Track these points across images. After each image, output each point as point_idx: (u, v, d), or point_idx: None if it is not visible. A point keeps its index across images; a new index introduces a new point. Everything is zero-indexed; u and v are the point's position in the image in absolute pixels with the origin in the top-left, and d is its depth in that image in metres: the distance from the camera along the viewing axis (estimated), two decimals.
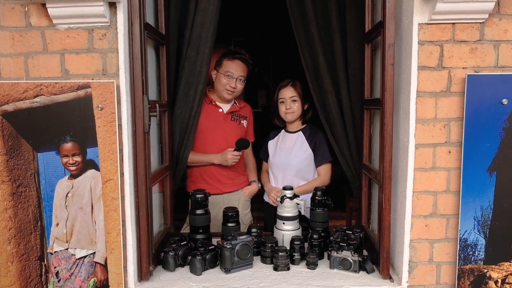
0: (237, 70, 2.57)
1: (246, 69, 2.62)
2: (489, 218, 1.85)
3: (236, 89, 2.59)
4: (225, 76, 2.55)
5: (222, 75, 2.56)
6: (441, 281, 1.94)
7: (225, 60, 2.58)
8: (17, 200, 1.86)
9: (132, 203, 1.89)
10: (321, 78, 2.36)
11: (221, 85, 2.58)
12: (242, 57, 2.59)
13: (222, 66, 2.59)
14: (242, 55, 2.60)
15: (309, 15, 2.29)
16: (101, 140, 1.82)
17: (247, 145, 2.62)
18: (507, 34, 1.81)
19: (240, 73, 2.58)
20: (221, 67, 2.59)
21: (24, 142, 1.84)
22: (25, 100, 1.80)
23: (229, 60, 2.58)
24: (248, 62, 2.62)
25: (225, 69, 2.56)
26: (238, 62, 2.58)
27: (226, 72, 2.55)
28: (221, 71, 2.58)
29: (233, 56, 2.58)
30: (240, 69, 2.58)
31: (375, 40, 2.08)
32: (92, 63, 1.83)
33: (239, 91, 2.64)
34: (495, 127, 1.80)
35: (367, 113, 2.24)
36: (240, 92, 2.66)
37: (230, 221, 2.24)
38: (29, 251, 1.89)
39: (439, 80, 1.83)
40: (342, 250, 2.01)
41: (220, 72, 2.58)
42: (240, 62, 2.58)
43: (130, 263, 1.90)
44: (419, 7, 1.79)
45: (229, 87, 2.56)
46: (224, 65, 2.58)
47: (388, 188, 1.86)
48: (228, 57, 2.58)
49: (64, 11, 1.75)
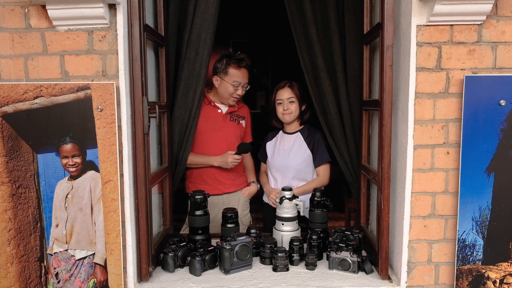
0: (244, 78, 2.60)
1: (249, 74, 2.65)
2: (487, 218, 1.86)
3: (241, 95, 2.64)
4: (233, 86, 2.56)
5: (228, 84, 2.56)
6: (439, 281, 1.95)
7: (231, 69, 2.56)
8: (16, 201, 1.86)
9: (131, 204, 1.89)
10: (320, 80, 2.37)
11: (227, 93, 2.59)
12: (247, 64, 2.61)
13: (228, 75, 2.56)
14: (246, 62, 2.60)
15: (308, 17, 2.30)
16: (100, 141, 1.82)
17: (248, 149, 2.64)
18: (504, 35, 1.82)
19: (246, 80, 2.62)
20: (227, 75, 2.56)
21: (24, 143, 1.84)
22: (25, 101, 1.80)
23: (236, 68, 2.56)
24: (250, 68, 2.66)
25: (232, 79, 2.55)
26: (244, 70, 2.60)
27: (234, 82, 2.56)
28: (228, 79, 2.56)
29: (239, 64, 2.57)
30: (246, 76, 2.62)
31: (374, 41, 2.09)
32: (92, 64, 1.84)
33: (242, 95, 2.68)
34: (493, 128, 1.80)
35: (366, 114, 2.25)
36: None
37: (229, 222, 2.24)
38: (28, 252, 1.89)
39: (437, 82, 1.84)
40: (341, 251, 2.01)
41: (226, 81, 2.56)
42: (245, 70, 2.61)
43: (130, 264, 1.90)
44: (417, 9, 1.80)
45: (236, 95, 2.61)
46: (230, 74, 2.56)
47: (386, 189, 1.87)
48: (234, 66, 2.56)
49: (64, 13, 1.76)
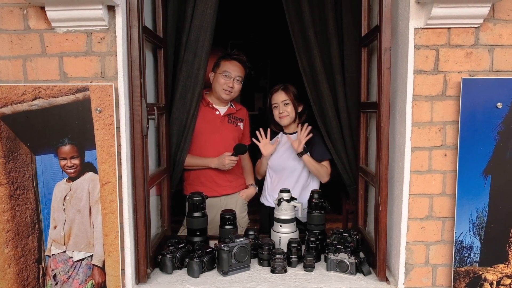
0: (235, 70, 2.61)
1: (243, 70, 2.67)
2: (484, 220, 1.86)
3: (233, 89, 2.62)
4: (223, 76, 2.59)
5: (219, 75, 2.61)
6: (437, 283, 1.95)
7: (223, 61, 2.64)
8: (14, 202, 1.86)
9: (130, 205, 1.89)
10: (318, 82, 2.38)
11: (219, 85, 2.61)
12: (239, 58, 2.65)
13: (219, 67, 2.64)
14: (237, 55, 2.66)
15: (306, 19, 2.31)
16: (99, 143, 1.82)
17: (245, 150, 2.64)
18: (501, 38, 1.83)
19: (238, 73, 2.62)
20: (219, 67, 2.64)
21: (22, 144, 1.84)
22: (24, 103, 1.80)
23: (227, 61, 2.64)
24: (245, 64, 2.68)
25: (222, 69, 2.61)
26: (235, 63, 2.63)
27: (224, 72, 2.60)
28: (219, 71, 2.63)
29: (230, 57, 2.64)
30: (237, 69, 2.63)
31: (372, 44, 2.10)
32: (91, 66, 1.84)
33: (237, 92, 2.66)
34: (490, 130, 1.81)
35: (364, 116, 2.26)
36: (237, 93, 2.68)
37: (228, 223, 2.24)
38: (26, 254, 1.89)
39: (434, 84, 1.85)
40: (339, 253, 2.01)
41: (218, 73, 2.63)
42: (237, 63, 2.64)
43: (128, 265, 1.90)
44: (415, 11, 1.80)
45: (226, 87, 2.60)
46: (221, 66, 2.63)
47: (384, 190, 1.88)
48: (226, 58, 2.65)
49: (62, 14, 1.76)
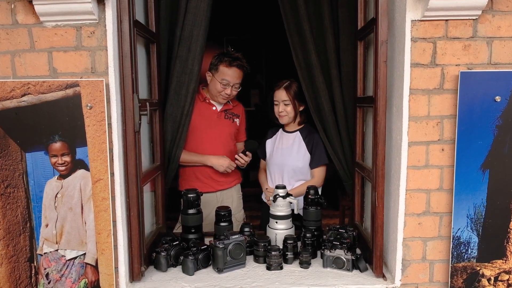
0: (233, 78, 2.50)
1: (242, 75, 2.55)
2: (482, 215, 1.85)
3: (230, 95, 2.56)
4: (221, 84, 2.49)
5: (217, 82, 2.50)
6: (434, 279, 1.94)
7: (222, 66, 2.49)
8: (5, 201, 1.83)
9: (123, 203, 1.86)
10: (313, 76, 2.35)
11: (216, 90, 2.53)
12: (239, 64, 2.51)
13: (218, 72, 2.50)
14: (239, 61, 2.51)
15: (301, 13, 2.27)
16: (90, 140, 1.79)
17: (257, 147, 2.63)
18: (500, 30, 1.80)
19: (236, 80, 2.52)
20: (217, 72, 2.50)
21: (12, 142, 1.81)
22: (12, 99, 1.77)
23: (226, 66, 2.49)
24: (245, 68, 2.55)
25: (221, 76, 2.49)
26: (235, 69, 2.50)
27: (222, 80, 2.48)
28: (217, 76, 2.50)
29: (230, 63, 2.49)
30: (237, 76, 2.51)
31: (368, 37, 2.07)
32: (81, 61, 1.80)
33: (234, 96, 2.62)
34: (488, 124, 1.79)
35: (360, 111, 2.23)
36: (234, 96, 2.64)
37: (223, 220, 2.22)
38: (18, 253, 1.86)
39: (432, 77, 1.82)
40: (335, 249, 2.00)
41: (216, 78, 2.51)
42: (237, 70, 2.50)
43: (122, 263, 1.88)
44: (412, 3, 1.78)
45: (224, 94, 2.53)
46: (220, 71, 2.49)
47: (381, 186, 1.86)
48: (225, 63, 2.49)
49: (51, 8, 1.72)
